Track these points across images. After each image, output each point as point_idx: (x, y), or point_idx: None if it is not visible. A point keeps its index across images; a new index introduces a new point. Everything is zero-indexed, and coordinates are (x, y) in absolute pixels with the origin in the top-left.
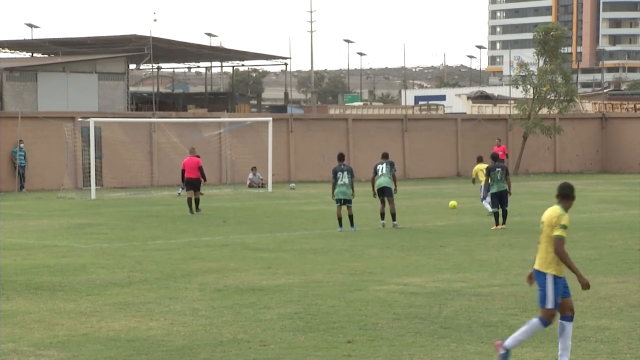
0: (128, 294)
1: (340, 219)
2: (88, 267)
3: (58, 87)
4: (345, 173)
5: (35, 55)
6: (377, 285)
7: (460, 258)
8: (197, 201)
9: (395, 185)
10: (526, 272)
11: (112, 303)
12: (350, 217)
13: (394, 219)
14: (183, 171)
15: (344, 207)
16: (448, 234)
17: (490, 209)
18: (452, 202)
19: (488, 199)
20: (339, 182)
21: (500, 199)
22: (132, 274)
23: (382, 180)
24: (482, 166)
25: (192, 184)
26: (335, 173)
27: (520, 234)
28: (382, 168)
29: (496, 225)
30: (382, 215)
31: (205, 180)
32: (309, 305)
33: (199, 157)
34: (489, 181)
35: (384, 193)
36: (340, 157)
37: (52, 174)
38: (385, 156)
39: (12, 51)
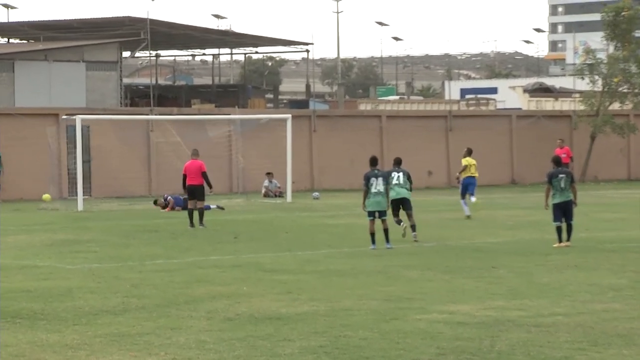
0: (122, 323)
1: (373, 235)
2: (75, 292)
3: (39, 79)
4: (380, 179)
5: (11, 41)
6: (417, 314)
7: (516, 281)
8: (200, 213)
9: (410, 204)
10: (596, 298)
11: (104, 334)
12: (386, 231)
13: (414, 230)
14: (184, 177)
15: (378, 221)
16: (501, 252)
17: (467, 212)
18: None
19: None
20: (373, 190)
21: (564, 211)
22: (127, 300)
23: (400, 191)
24: (470, 161)
25: (194, 192)
26: (368, 179)
27: (587, 252)
28: (399, 177)
29: (559, 243)
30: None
31: (211, 187)
32: (336, 337)
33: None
34: (551, 190)
35: (402, 205)
36: (373, 161)
37: (32, 182)
38: (398, 162)
39: None
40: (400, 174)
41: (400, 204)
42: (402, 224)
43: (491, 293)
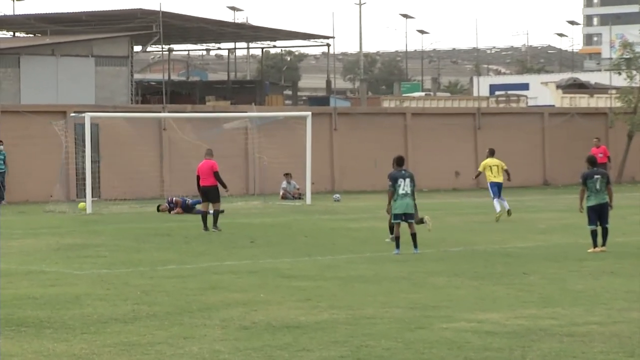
0: (132, 332)
1: (398, 239)
2: (83, 299)
3: (45, 75)
4: (408, 180)
5: (17, 34)
6: (444, 323)
7: (548, 289)
8: (215, 216)
9: (416, 208)
10: (633, 306)
11: (113, 344)
12: (413, 235)
13: (414, 239)
14: (198, 178)
15: (404, 224)
16: (533, 258)
17: (498, 208)
18: None
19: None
20: (400, 191)
21: (599, 214)
22: (138, 307)
23: (409, 203)
24: (492, 162)
25: (207, 193)
26: (394, 180)
27: (624, 258)
28: (405, 185)
29: (594, 247)
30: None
31: (226, 188)
32: (358, 347)
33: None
34: (585, 192)
35: (406, 217)
36: (399, 161)
37: (39, 182)
38: (400, 162)
39: None
40: (408, 180)
41: (405, 218)
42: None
43: (522, 301)
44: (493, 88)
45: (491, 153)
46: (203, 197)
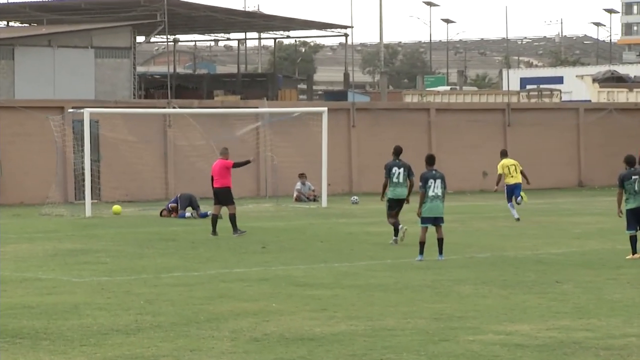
0: (135, 344)
1: (423, 244)
2: (82, 308)
3: (42, 67)
4: (439, 182)
5: (12, 24)
6: (470, 335)
7: (583, 298)
8: (232, 219)
9: (409, 195)
10: None
11: (115, 356)
12: (440, 241)
13: (396, 234)
14: (212, 179)
15: (431, 228)
16: (566, 265)
17: (516, 215)
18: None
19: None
20: (430, 193)
21: (638, 218)
22: (141, 318)
23: (402, 192)
24: (508, 162)
25: (218, 195)
26: (426, 181)
27: None
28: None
29: (633, 254)
30: (396, 228)
31: (249, 162)
32: None
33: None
34: (623, 194)
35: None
36: (430, 160)
37: (34, 183)
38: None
39: None
40: (401, 170)
41: (398, 206)
42: (401, 227)
43: (555, 311)
44: (524, 82)
45: (504, 154)
46: (215, 199)
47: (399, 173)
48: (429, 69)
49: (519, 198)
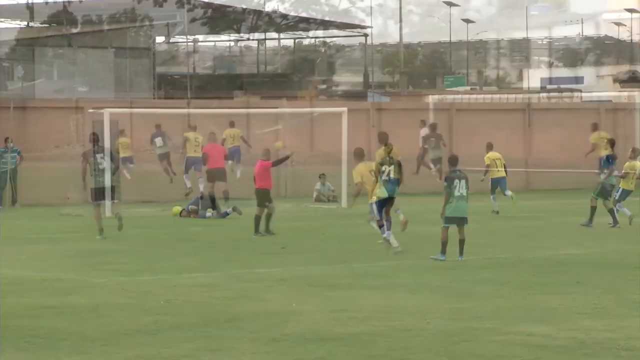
0: (155, 344)
1: (445, 244)
2: (102, 309)
3: (61, 67)
4: (464, 182)
5: (31, 24)
6: (490, 335)
7: (604, 299)
8: (267, 217)
9: (399, 183)
10: None
11: (135, 357)
12: (461, 242)
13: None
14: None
15: (453, 229)
16: (587, 265)
17: (496, 207)
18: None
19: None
20: (456, 193)
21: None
22: (161, 318)
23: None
24: (494, 155)
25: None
26: (451, 181)
27: None
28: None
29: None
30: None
31: (287, 157)
32: None
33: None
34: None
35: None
36: (454, 161)
37: (53, 184)
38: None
39: (1, 20)
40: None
41: (387, 204)
42: (398, 211)
43: (575, 312)
44: (544, 81)
45: (490, 147)
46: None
47: (390, 171)
48: (449, 69)
49: (508, 192)
